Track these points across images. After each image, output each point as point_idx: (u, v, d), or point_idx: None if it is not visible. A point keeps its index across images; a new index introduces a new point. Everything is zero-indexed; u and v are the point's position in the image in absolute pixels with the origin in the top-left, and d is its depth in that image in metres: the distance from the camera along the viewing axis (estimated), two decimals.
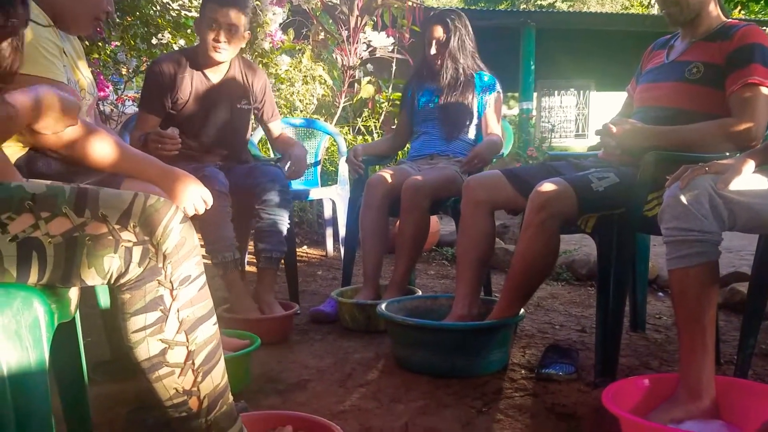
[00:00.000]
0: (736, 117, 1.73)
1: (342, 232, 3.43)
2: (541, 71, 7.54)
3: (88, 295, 1.60)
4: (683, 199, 1.37)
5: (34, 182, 0.87)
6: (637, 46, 2.15)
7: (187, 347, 0.96)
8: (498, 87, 2.68)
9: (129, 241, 0.89)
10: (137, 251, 0.90)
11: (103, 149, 1.41)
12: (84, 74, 1.62)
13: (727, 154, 1.73)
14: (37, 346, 0.82)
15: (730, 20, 1.87)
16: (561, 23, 7.59)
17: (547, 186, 1.73)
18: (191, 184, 1.45)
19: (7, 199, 0.83)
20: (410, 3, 4.42)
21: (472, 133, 2.69)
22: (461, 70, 2.64)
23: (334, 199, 3.63)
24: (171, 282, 0.93)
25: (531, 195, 1.75)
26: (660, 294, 2.84)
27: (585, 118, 8.73)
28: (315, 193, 3.54)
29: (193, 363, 0.96)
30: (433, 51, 2.63)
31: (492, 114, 2.66)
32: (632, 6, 14.78)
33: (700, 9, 1.84)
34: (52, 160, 1.43)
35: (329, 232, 3.91)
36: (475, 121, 2.67)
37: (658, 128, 1.81)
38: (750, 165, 1.42)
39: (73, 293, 1.01)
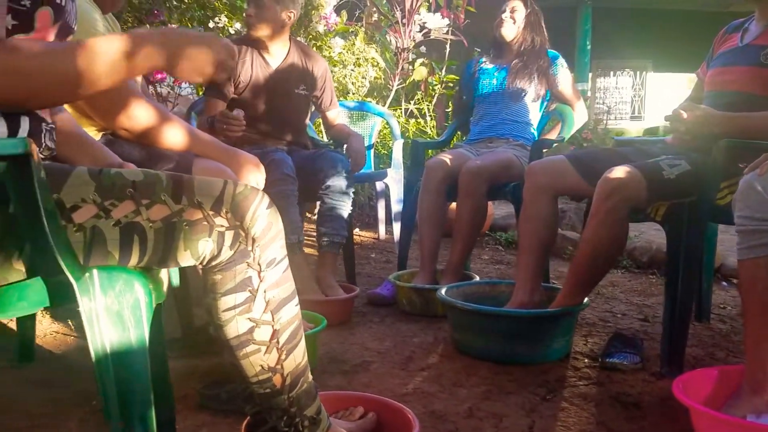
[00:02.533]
0: None
1: (395, 212, 3.45)
2: (596, 51, 7.34)
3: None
4: (758, 186, 1.33)
5: (131, 170, 0.91)
6: (697, 26, 2.09)
7: (273, 326, 0.99)
8: (562, 61, 2.67)
9: (222, 226, 0.92)
10: (229, 235, 0.93)
11: (174, 133, 1.47)
12: None
13: None
14: (138, 326, 0.86)
15: None
16: (618, 2, 7.36)
17: (617, 172, 1.70)
18: (252, 166, 1.53)
19: (110, 186, 0.87)
20: None
21: (534, 116, 2.66)
22: (537, 47, 2.63)
23: (387, 182, 3.65)
24: (259, 264, 0.96)
25: (599, 181, 1.72)
26: (724, 284, 2.76)
27: (641, 100, 8.48)
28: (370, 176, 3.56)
29: (278, 342, 1.00)
30: (507, 17, 2.62)
31: (569, 89, 2.67)
32: None
33: None
34: (127, 144, 1.49)
35: (382, 214, 3.93)
36: (539, 101, 2.64)
37: (730, 115, 1.75)
38: None
39: (164, 274, 1.06)
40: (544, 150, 2.48)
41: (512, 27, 2.63)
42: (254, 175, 1.55)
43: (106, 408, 0.84)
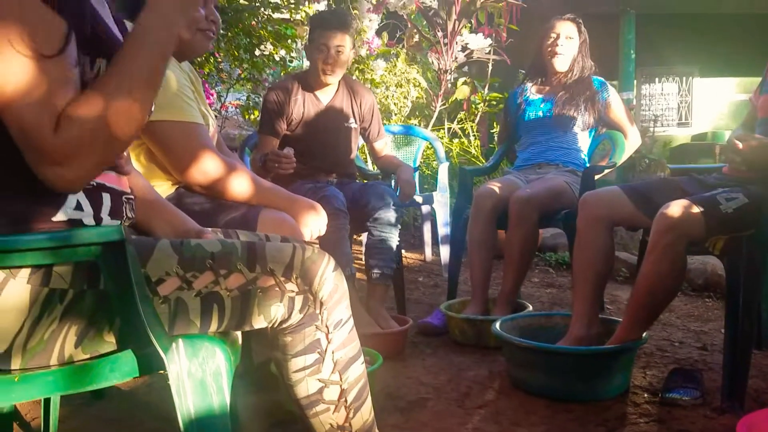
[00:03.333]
0: None
1: (441, 235, 3.47)
2: (640, 58, 7.21)
3: None
4: None
5: (210, 241, 0.96)
6: (744, 29, 2.04)
7: (341, 386, 1.03)
8: (610, 87, 2.65)
9: (292, 291, 0.97)
10: (299, 300, 0.97)
11: (240, 185, 1.53)
12: (205, 108, 1.74)
13: None
14: (220, 393, 0.91)
15: None
16: (662, 8, 7.22)
17: (674, 207, 1.68)
18: (312, 213, 1.58)
19: (191, 258, 0.93)
20: (509, 1, 4.36)
21: (584, 142, 2.64)
22: (586, 75, 2.62)
23: (434, 205, 3.67)
24: (326, 326, 1.00)
25: (656, 217, 1.71)
26: None
27: (688, 106, 8.28)
28: (416, 200, 3.58)
29: (346, 400, 1.03)
30: (562, 44, 2.61)
31: (621, 114, 2.65)
32: None
33: None
34: (198, 196, 1.56)
35: (428, 236, 3.95)
36: (586, 128, 2.62)
37: None
38: None
39: (239, 333, 1.11)
40: (596, 176, 2.47)
41: (567, 59, 2.61)
42: (313, 220, 1.60)
43: None
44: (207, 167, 1.48)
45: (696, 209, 1.66)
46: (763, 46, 5.41)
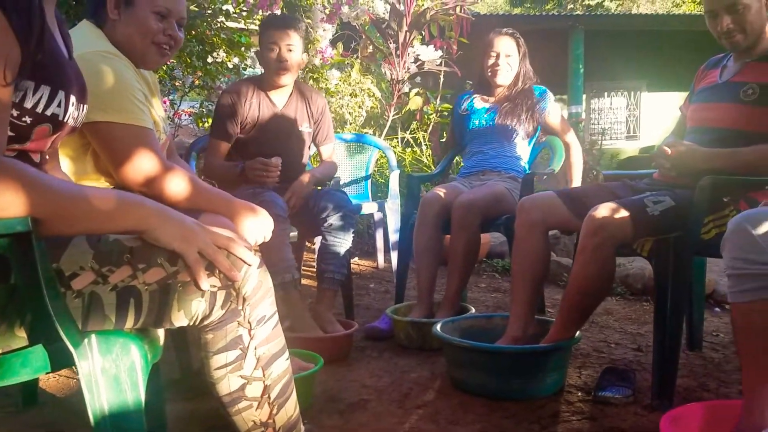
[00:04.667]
0: None
1: (393, 242, 3.50)
2: (589, 73, 7.43)
3: None
4: (749, 228, 1.35)
5: (130, 236, 0.96)
6: (690, 45, 2.14)
7: (264, 382, 1.03)
8: (550, 95, 2.72)
9: (214, 286, 0.97)
10: (221, 295, 0.98)
11: (178, 186, 1.51)
12: (158, 112, 1.73)
13: None
14: (134, 389, 0.90)
15: None
16: (610, 25, 7.48)
17: (602, 210, 1.74)
18: (254, 217, 1.56)
19: (108, 253, 0.92)
20: (458, 14, 4.44)
21: (524, 151, 2.71)
22: (526, 87, 2.68)
23: (385, 212, 3.69)
24: (249, 322, 1.01)
25: (586, 219, 1.77)
26: (716, 309, 2.79)
27: (636, 120, 8.56)
28: (367, 208, 3.60)
29: (269, 396, 1.04)
30: (503, 63, 2.66)
31: (557, 124, 2.71)
32: (683, 2, 14.38)
33: (761, 32, 1.82)
34: None
35: (380, 243, 3.98)
36: (526, 137, 2.69)
37: (714, 151, 1.80)
38: None
39: (161, 331, 1.10)
40: (536, 182, 2.53)
41: (508, 74, 2.67)
42: (255, 224, 1.57)
43: None
44: (144, 167, 1.46)
45: (624, 212, 1.72)
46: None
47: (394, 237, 3.49)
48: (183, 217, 0.97)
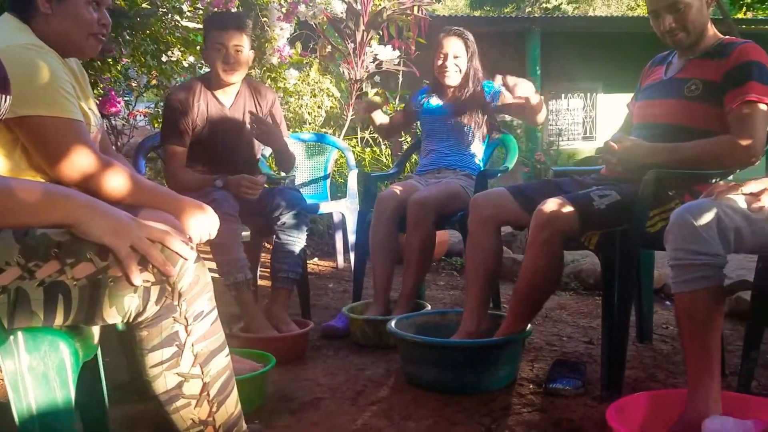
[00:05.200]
0: (735, 134, 1.76)
1: (352, 243, 3.48)
2: (547, 74, 7.55)
3: None
4: (692, 219, 1.39)
5: (58, 231, 0.93)
6: (644, 47, 2.18)
7: (202, 379, 1.01)
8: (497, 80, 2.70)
9: (147, 281, 0.94)
10: (155, 290, 0.95)
11: (117, 182, 1.47)
12: (88, 108, 1.68)
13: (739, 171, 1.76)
14: (64, 387, 0.87)
15: (726, 37, 1.90)
16: (566, 27, 7.62)
17: (550, 205, 1.76)
18: (201, 214, 1.54)
19: (34, 247, 0.89)
20: (416, 15, 4.46)
21: (479, 149, 2.73)
22: (477, 85, 2.68)
23: (344, 212, 3.68)
24: (186, 318, 0.98)
25: (534, 213, 1.79)
26: (667, 303, 2.85)
27: (592, 121, 8.74)
28: (325, 207, 3.60)
29: (208, 394, 1.02)
30: (450, 65, 2.66)
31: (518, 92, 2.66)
32: (638, 6, 14.73)
33: (702, 30, 1.87)
34: None
35: (339, 244, 3.96)
36: (482, 135, 2.71)
37: (658, 145, 1.84)
38: None
39: (96, 329, 1.07)
40: (490, 180, 2.55)
41: (456, 75, 2.66)
42: (201, 221, 1.55)
43: None
44: (80, 163, 1.42)
45: (570, 206, 1.75)
46: None
47: (352, 237, 3.48)
48: (114, 210, 0.95)
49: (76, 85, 1.58)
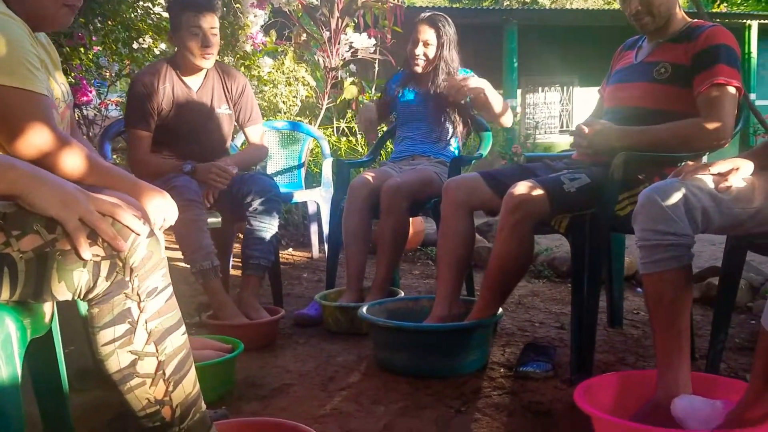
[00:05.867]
0: (705, 117, 1.77)
1: (327, 233, 3.45)
2: (524, 68, 7.58)
3: (70, 304, 1.61)
4: (659, 200, 1.38)
5: (3, 202, 0.89)
6: (620, 40, 2.18)
7: (157, 357, 0.97)
8: (473, 75, 2.67)
9: (97, 255, 0.91)
10: (105, 265, 0.91)
11: (73, 162, 1.42)
12: (59, 82, 1.63)
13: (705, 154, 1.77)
14: (9, 363, 0.83)
15: (694, 21, 1.91)
16: (543, 20, 7.64)
17: (520, 188, 1.76)
18: (159, 198, 1.50)
19: None
20: (391, 3, 4.43)
21: (453, 136, 2.71)
22: (451, 71, 2.65)
23: (318, 201, 3.65)
24: (138, 294, 0.95)
25: (504, 197, 1.78)
26: (638, 290, 2.87)
27: (569, 114, 8.80)
28: (299, 196, 3.56)
29: (164, 373, 0.98)
30: (420, 53, 2.62)
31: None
32: (614, 0, 14.90)
33: (669, 14, 1.87)
34: None
35: (314, 233, 3.93)
36: (458, 124, 2.68)
37: (628, 128, 1.84)
38: (749, 166, 1.43)
39: (48, 306, 1.03)
40: (463, 167, 2.54)
41: (422, 63, 2.62)
42: (161, 206, 1.51)
43: None
44: (37, 140, 1.37)
45: (540, 189, 1.74)
46: None
47: (327, 227, 3.44)
48: (62, 182, 0.91)
49: (45, 58, 1.53)
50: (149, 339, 0.96)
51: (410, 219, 2.52)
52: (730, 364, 1.89)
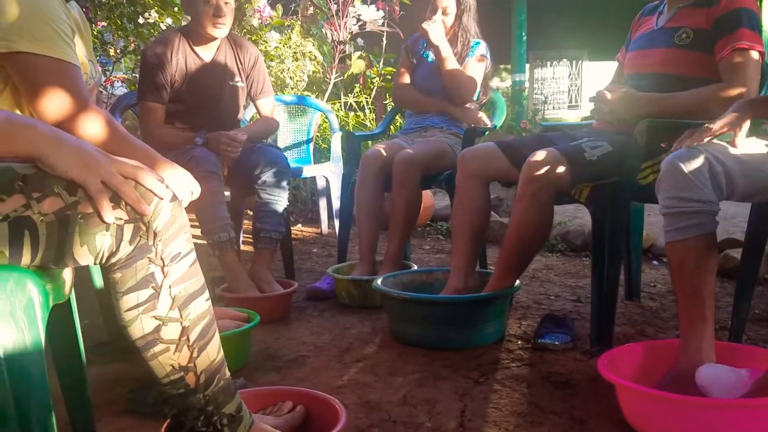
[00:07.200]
0: (728, 82, 1.73)
1: (336, 208, 3.43)
2: (532, 42, 7.46)
3: (84, 277, 1.60)
4: (682, 167, 1.36)
5: (23, 164, 0.86)
6: (630, 13, 2.13)
7: (181, 323, 0.96)
8: (480, 51, 2.62)
9: (120, 219, 0.88)
10: (128, 229, 0.89)
11: (95, 128, 1.40)
12: (89, 57, 1.60)
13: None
14: (33, 327, 0.82)
15: None
16: None
17: (539, 156, 1.72)
18: (180, 173, 1.48)
19: None
20: None
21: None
22: (466, 41, 2.60)
23: (327, 176, 3.62)
24: (162, 259, 0.93)
25: (523, 166, 1.75)
26: (655, 262, 2.85)
27: (578, 89, 8.69)
28: (308, 171, 3.52)
29: (188, 339, 0.96)
30: (436, 20, 2.57)
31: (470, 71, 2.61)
32: None
33: None
34: None
35: (323, 209, 3.90)
36: (478, 91, 2.64)
37: (652, 95, 1.80)
38: (747, 121, 1.42)
39: (67, 275, 1.01)
40: (477, 138, 2.50)
41: (441, 21, 2.58)
42: (180, 179, 1.49)
43: (2, 413, 0.79)
44: (60, 103, 1.35)
45: (561, 157, 1.71)
46: None
47: (337, 203, 3.42)
48: (83, 143, 0.88)
49: (75, 32, 1.51)
50: (173, 304, 0.94)
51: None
52: (749, 335, 1.87)
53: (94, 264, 0.90)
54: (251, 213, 3.32)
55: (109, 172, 0.87)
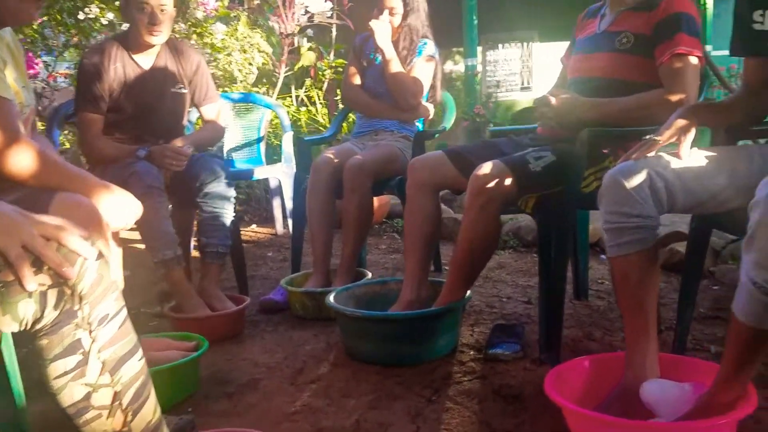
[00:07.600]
0: (668, 88, 1.74)
1: (290, 209, 3.38)
2: (484, 25, 7.44)
3: None
4: (624, 182, 1.36)
5: None
6: None
7: (113, 388, 0.92)
8: (428, 51, 2.59)
9: (43, 284, 0.84)
10: (52, 294, 0.85)
11: (25, 162, 1.34)
12: (23, 84, 1.51)
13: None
14: None
15: None
16: None
17: (485, 169, 1.72)
18: (118, 199, 1.43)
19: None
20: None
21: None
22: (414, 41, 2.57)
23: (280, 177, 3.56)
24: (89, 323, 0.89)
25: (470, 179, 1.74)
26: (603, 257, 2.90)
27: (529, 70, 8.73)
28: (259, 173, 3.46)
29: (121, 403, 0.93)
30: (385, 20, 2.52)
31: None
32: None
33: None
34: None
35: (277, 208, 3.85)
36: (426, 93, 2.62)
37: (594, 100, 1.81)
38: (691, 133, 1.44)
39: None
40: (427, 141, 2.49)
41: (388, 27, 2.54)
42: (115, 204, 1.44)
43: None
44: None
45: (506, 169, 1.71)
46: None
47: (290, 203, 3.37)
48: (1, 206, 0.83)
49: (7, 59, 1.42)
50: (103, 369, 0.91)
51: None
52: (694, 335, 1.92)
53: (19, 330, 0.86)
54: None
55: (30, 234, 0.83)
